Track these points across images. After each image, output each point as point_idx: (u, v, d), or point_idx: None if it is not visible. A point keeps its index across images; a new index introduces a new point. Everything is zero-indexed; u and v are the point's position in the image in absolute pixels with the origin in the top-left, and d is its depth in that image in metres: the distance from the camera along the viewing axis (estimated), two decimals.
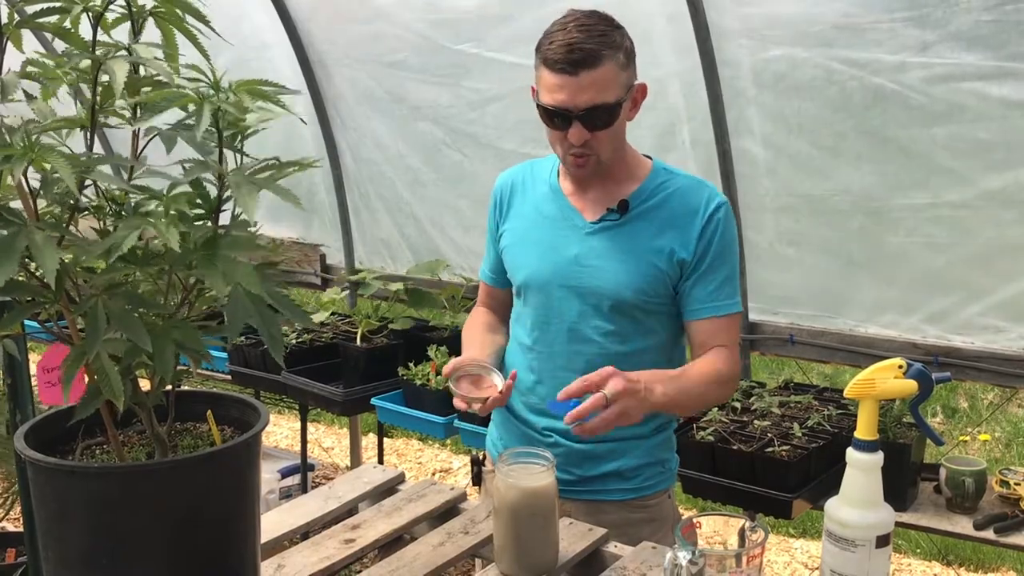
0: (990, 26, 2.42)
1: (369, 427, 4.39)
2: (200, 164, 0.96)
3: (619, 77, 1.60)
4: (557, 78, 1.57)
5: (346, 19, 3.68)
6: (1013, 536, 2.30)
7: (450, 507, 1.70)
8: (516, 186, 1.85)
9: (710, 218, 1.68)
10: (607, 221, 1.72)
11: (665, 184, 1.73)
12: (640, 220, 1.71)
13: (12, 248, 0.88)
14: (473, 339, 1.88)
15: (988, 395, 5.25)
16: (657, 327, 1.73)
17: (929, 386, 1.30)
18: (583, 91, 1.57)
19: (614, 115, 1.62)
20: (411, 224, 3.98)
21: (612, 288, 1.70)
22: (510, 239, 1.83)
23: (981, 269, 2.68)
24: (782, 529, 3.90)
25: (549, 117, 1.62)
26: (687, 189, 1.72)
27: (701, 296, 1.69)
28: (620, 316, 1.71)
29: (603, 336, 1.72)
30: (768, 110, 2.89)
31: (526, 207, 1.82)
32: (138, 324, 0.95)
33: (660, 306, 1.71)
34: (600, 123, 1.61)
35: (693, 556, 1.18)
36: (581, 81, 1.56)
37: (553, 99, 1.59)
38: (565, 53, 1.55)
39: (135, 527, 1.01)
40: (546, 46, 1.59)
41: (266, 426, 1.12)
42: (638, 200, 1.72)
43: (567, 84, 1.57)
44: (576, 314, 1.73)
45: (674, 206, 1.71)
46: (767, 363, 4.36)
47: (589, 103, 1.58)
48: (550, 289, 1.75)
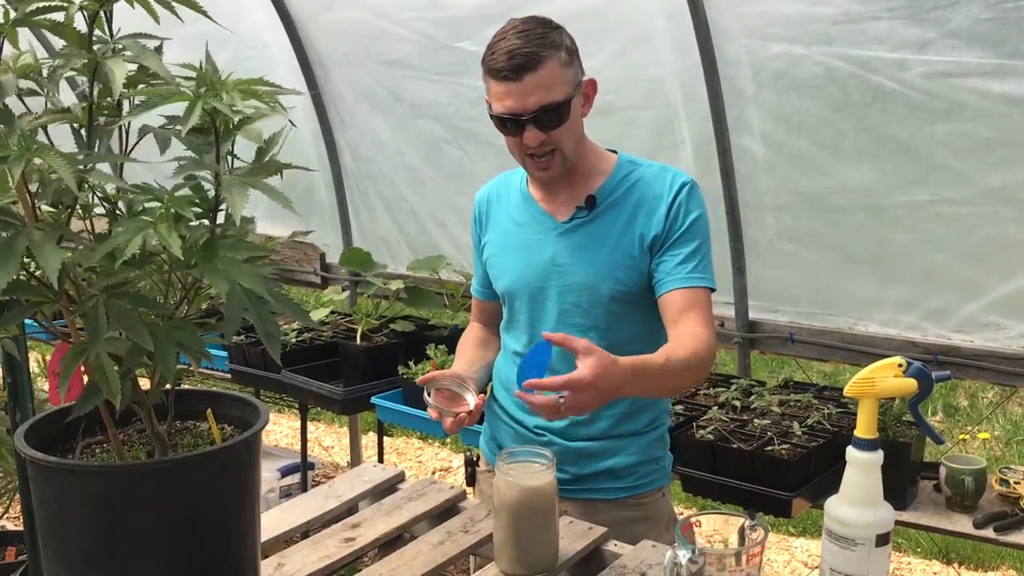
0: (990, 23, 2.42)
1: (369, 426, 4.39)
2: (193, 162, 0.96)
3: (563, 75, 1.63)
4: (503, 86, 1.61)
5: (346, 17, 3.68)
6: (1013, 535, 2.30)
7: (450, 506, 1.70)
8: (492, 199, 1.90)
9: (675, 197, 1.71)
10: (577, 219, 1.75)
11: (630, 175, 1.76)
12: (609, 213, 1.73)
13: (12, 250, 0.88)
14: (464, 354, 1.93)
15: (988, 394, 5.25)
16: (639, 317, 1.74)
17: (929, 385, 1.29)
18: (529, 94, 1.60)
19: (564, 113, 1.64)
20: (411, 222, 3.98)
21: (589, 283, 1.72)
22: (491, 250, 1.87)
23: (981, 267, 2.68)
24: (782, 528, 3.90)
25: (503, 125, 1.66)
26: (652, 177, 1.74)
27: (668, 268, 1.68)
28: (601, 310, 1.72)
29: (585, 332, 1.72)
30: (768, 108, 2.89)
31: (502, 217, 1.86)
32: (139, 324, 0.95)
33: (639, 296, 1.72)
34: (552, 123, 1.64)
35: (693, 555, 1.18)
36: (525, 85, 1.60)
37: (503, 106, 1.63)
38: (507, 60, 1.59)
39: (135, 526, 1.01)
40: (489, 57, 1.63)
41: (266, 425, 1.12)
42: (605, 194, 1.74)
43: (513, 90, 1.61)
44: (558, 314, 1.75)
45: (641, 194, 1.73)
46: (767, 361, 4.35)
47: (537, 105, 1.61)
48: (531, 293, 1.77)
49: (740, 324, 3.16)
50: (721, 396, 2.75)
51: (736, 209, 3.06)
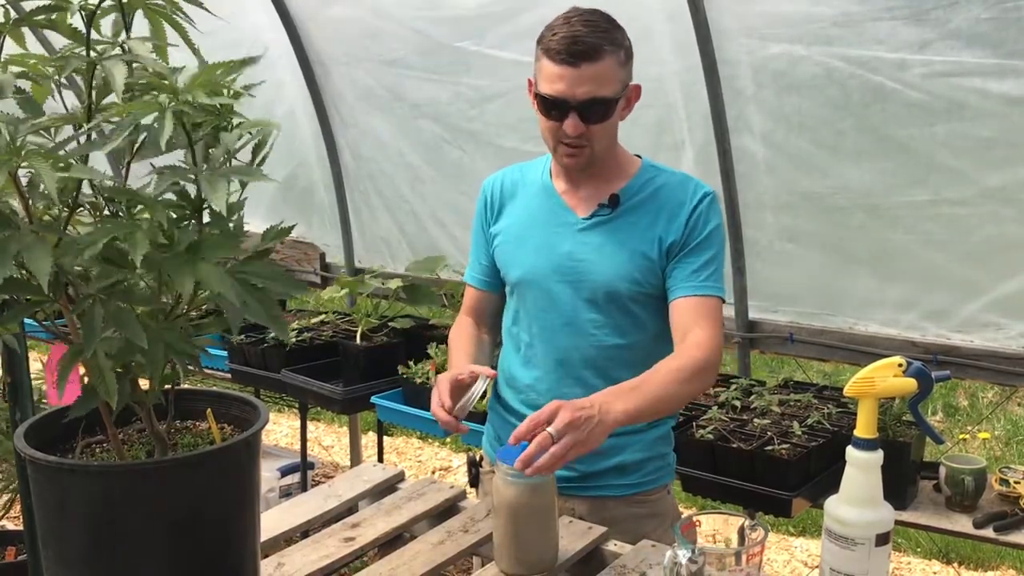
0: (990, 24, 2.42)
1: (369, 425, 4.38)
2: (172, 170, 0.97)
3: (618, 74, 1.64)
4: (558, 68, 1.61)
5: (345, 16, 3.68)
6: (1013, 534, 2.30)
7: (450, 505, 1.70)
8: (507, 188, 1.88)
9: (696, 205, 1.72)
10: (599, 216, 1.75)
11: (654, 179, 1.77)
12: (631, 214, 1.74)
13: (4, 252, 0.88)
14: (461, 346, 1.88)
15: (988, 393, 5.25)
16: (651, 319, 1.75)
17: (929, 384, 1.30)
18: (583, 83, 1.60)
19: (610, 110, 1.65)
20: (411, 222, 3.98)
21: (606, 280, 1.72)
22: (503, 238, 1.85)
23: (981, 267, 2.68)
24: (782, 527, 3.90)
25: (546, 107, 1.65)
26: (675, 183, 1.76)
27: (682, 276, 1.70)
28: (615, 309, 1.73)
29: (598, 329, 1.74)
30: (768, 108, 2.89)
31: (518, 207, 1.85)
32: (134, 323, 0.95)
33: (653, 298, 1.73)
34: (596, 116, 1.64)
35: (693, 554, 1.18)
36: (582, 73, 1.60)
37: (552, 88, 1.62)
38: (568, 44, 1.59)
39: (135, 525, 1.01)
40: (548, 37, 1.63)
41: (266, 424, 1.12)
42: (628, 195, 1.75)
43: (567, 75, 1.60)
44: (571, 308, 1.75)
45: (663, 199, 1.74)
46: (767, 361, 4.36)
47: (587, 95, 1.61)
48: (545, 284, 1.77)
49: (740, 324, 3.16)
50: (721, 396, 2.75)
51: (736, 209, 3.06)
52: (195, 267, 0.94)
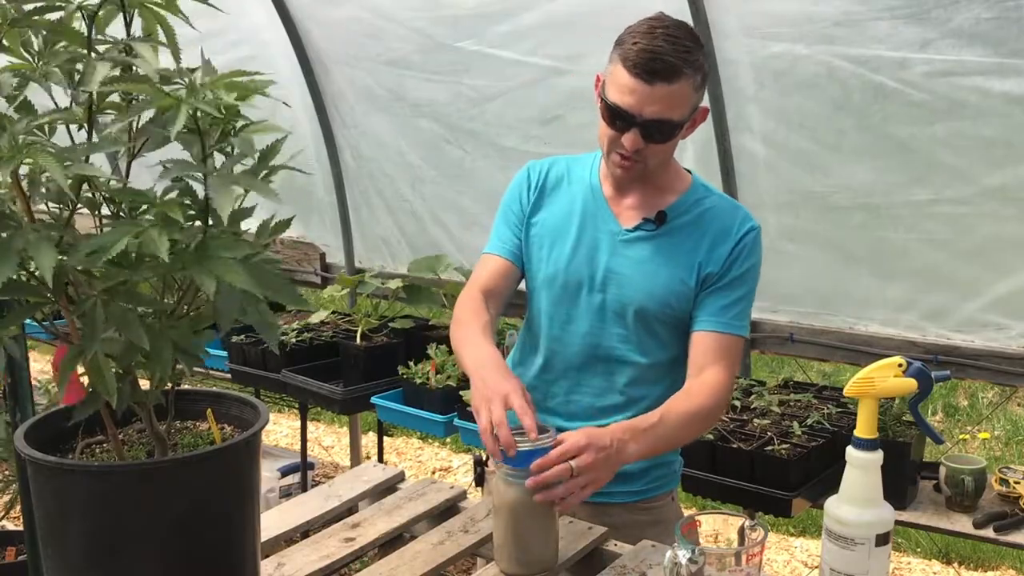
0: (991, 23, 2.41)
1: (369, 426, 4.39)
2: (180, 163, 0.96)
3: (691, 98, 1.59)
4: (631, 81, 1.55)
5: (345, 16, 3.68)
6: (1012, 534, 2.30)
7: (450, 505, 1.70)
8: (552, 178, 1.81)
9: (741, 239, 1.69)
10: (642, 231, 1.71)
11: (702, 200, 1.73)
12: (675, 234, 1.71)
13: (8, 249, 0.88)
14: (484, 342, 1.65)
15: (988, 393, 5.25)
16: (674, 341, 1.73)
17: (929, 384, 1.29)
18: (653, 102, 1.55)
19: (673, 133, 1.61)
20: (411, 222, 3.98)
21: (638, 298, 1.69)
22: (540, 230, 1.79)
23: (981, 266, 2.68)
24: (782, 527, 3.90)
25: (611, 115, 1.60)
26: (723, 210, 1.72)
27: (711, 309, 1.68)
28: (641, 326, 1.70)
29: (621, 342, 1.72)
30: (768, 107, 2.88)
31: (561, 202, 1.79)
32: (136, 323, 0.95)
33: (681, 320, 1.70)
34: (658, 137, 1.60)
35: (693, 554, 1.18)
36: (655, 92, 1.54)
37: (621, 100, 1.57)
38: (647, 60, 1.53)
39: (135, 526, 1.01)
40: (629, 44, 1.56)
41: (266, 424, 1.12)
42: (675, 213, 1.71)
43: (639, 90, 1.55)
44: (598, 317, 1.72)
45: (708, 223, 1.70)
46: (767, 361, 4.36)
47: (655, 115, 1.56)
48: (574, 289, 1.73)
49: None
50: None
51: None
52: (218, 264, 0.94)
